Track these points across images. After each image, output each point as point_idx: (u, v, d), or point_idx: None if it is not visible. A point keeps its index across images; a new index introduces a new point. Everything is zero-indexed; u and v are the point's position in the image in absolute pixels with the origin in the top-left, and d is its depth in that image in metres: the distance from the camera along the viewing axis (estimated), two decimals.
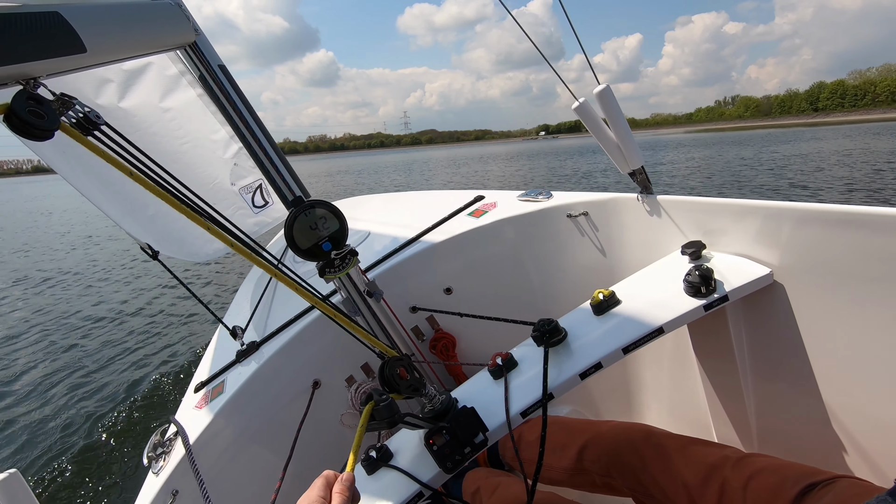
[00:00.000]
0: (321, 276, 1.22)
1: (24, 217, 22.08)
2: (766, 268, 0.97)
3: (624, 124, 1.12)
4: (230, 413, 1.30)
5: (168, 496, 1.08)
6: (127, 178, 2.09)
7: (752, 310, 1.04)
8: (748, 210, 1.01)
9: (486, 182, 20.22)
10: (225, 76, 1.16)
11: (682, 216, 1.16)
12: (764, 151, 24.81)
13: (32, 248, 12.67)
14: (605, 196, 1.40)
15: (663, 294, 1.02)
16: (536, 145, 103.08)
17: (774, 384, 1.09)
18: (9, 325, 6.61)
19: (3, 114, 0.60)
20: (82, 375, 4.75)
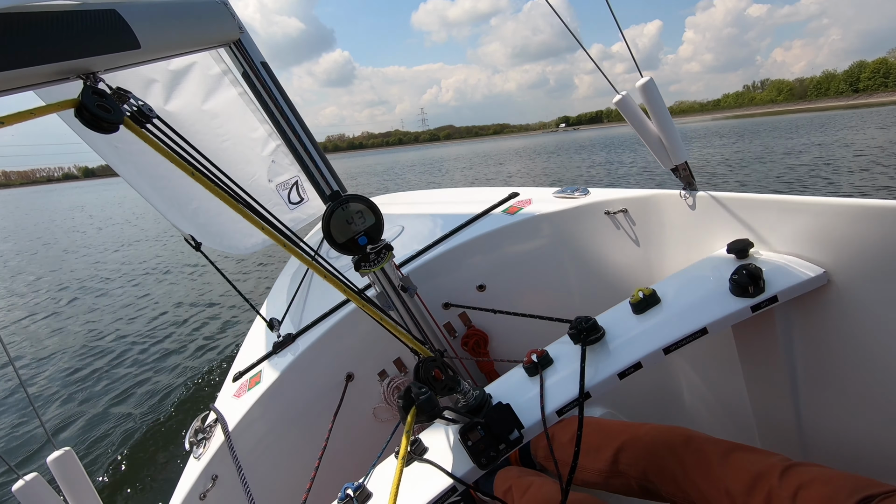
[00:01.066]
0: (356, 270, 1.24)
1: (75, 220, 23.30)
2: (819, 268, 0.92)
3: (667, 118, 1.08)
4: (267, 402, 1.34)
5: (209, 481, 1.12)
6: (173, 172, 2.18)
7: (803, 312, 0.99)
8: (799, 207, 0.96)
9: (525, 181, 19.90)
10: (267, 73, 1.19)
11: (727, 213, 1.11)
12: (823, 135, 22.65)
13: (81, 248, 13.45)
14: (646, 192, 1.36)
15: (707, 293, 0.98)
16: (557, 138, 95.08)
17: (826, 390, 1.03)
18: (65, 317, 7.11)
19: (75, 108, 0.64)
20: (130, 364, 5.05)
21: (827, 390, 1.03)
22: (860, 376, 0.94)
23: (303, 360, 1.46)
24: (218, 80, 2.32)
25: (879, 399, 0.93)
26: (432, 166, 25.87)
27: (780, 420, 1.15)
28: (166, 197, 1.87)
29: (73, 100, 0.66)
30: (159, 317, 6.58)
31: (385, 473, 0.92)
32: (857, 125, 26.44)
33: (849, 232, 0.87)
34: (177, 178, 2.04)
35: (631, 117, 1.12)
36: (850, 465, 1.01)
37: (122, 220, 19.71)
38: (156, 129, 0.80)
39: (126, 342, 5.69)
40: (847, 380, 0.97)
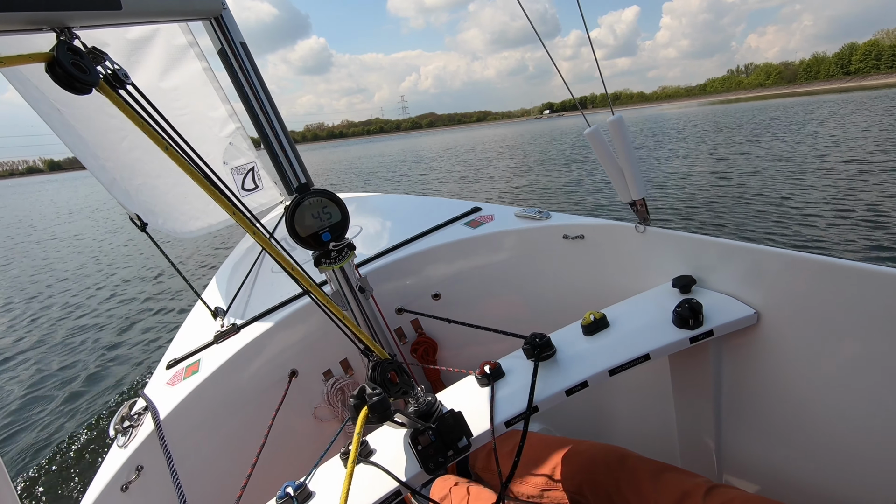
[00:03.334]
0: (316, 266, 1.22)
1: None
2: (751, 308, 1.02)
3: (633, 155, 1.15)
4: (203, 393, 1.27)
5: (132, 472, 1.05)
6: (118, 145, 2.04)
7: (734, 348, 1.09)
8: (737, 251, 1.05)
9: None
10: (245, 54, 1.16)
11: (675, 250, 1.20)
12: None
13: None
14: (604, 222, 1.44)
15: (652, 322, 1.05)
16: (542, 125, 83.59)
17: (746, 421, 1.13)
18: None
19: (47, 62, 0.59)
20: (59, 345, 4.79)
21: (747, 421, 1.13)
22: (779, 411, 1.04)
23: (246, 352, 1.40)
24: (183, 51, 2.21)
25: (794, 434, 1.03)
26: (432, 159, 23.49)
27: (702, 446, 1.24)
28: (109, 170, 1.75)
29: (47, 53, 0.61)
30: (92, 298, 6.31)
31: (327, 473, 0.90)
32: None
33: (779, 279, 0.97)
34: (122, 151, 1.93)
35: (599, 150, 1.19)
36: (761, 493, 1.11)
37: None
38: (129, 96, 0.76)
39: (59, 323, 5.44)
40: (766, 413, 1.07)
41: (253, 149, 2.75)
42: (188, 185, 2.20)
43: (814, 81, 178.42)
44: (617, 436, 1.55)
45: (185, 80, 2.24)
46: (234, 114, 2.61)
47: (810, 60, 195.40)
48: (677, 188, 8.61)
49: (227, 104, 2.56)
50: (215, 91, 2.46)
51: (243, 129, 2.68)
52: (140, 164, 1.93)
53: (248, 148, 2.71)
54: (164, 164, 2.05)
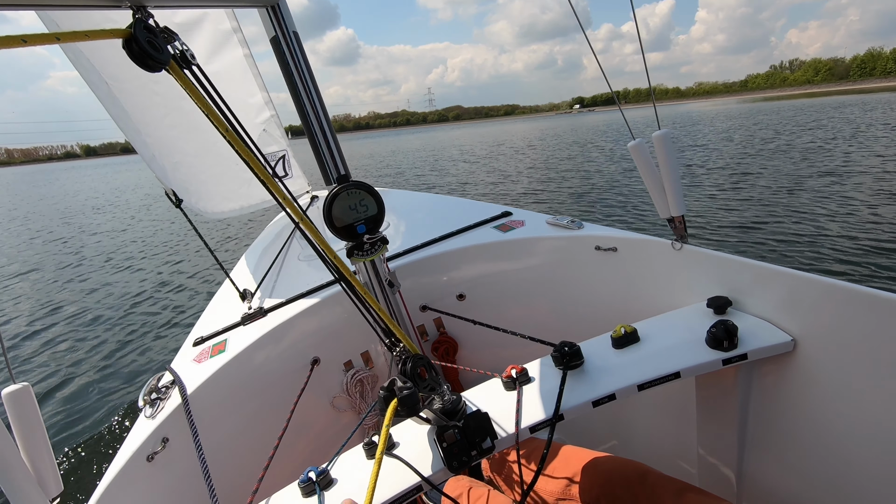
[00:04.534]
0: (348, 257, 1.23)
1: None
2: (787, 335, 1.00)
3: (676, 171, 1.14)
4: (229, 373, 1.29)
5: (158, 443, 1.07)
6: (161, 122, 2.08)
7: (766, 374, 1.07)
8: (775, 276, 1.03)
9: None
10: (297, 43, 1.18)
11: (711, 270, 1.18)
12: None
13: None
14: (638, 237, 1.43)
15: (684, 341, 1.04)
16: (572, 120, 76.68)
17: (773, 452, 1.10)
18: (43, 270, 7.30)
19: (124, 38, 0.61)
20: (96, 315, 5.09)
21: (773, 451, 1.10)
22: (809, 445, 1.02)
23: (272, 336, 1.42)
24: (227, 37, 2.25)
25: (823, 470, 1.00)
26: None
27: (722, 471, 1.22)
28: (150, 145, 1.79)
29: (125, 30, 0.63)
30: (126, 271, 6.72)
31: (349, 462, 0.91)
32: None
33: (819, 307, 0.95)
34: (163, 128, 1.97)
35: (641, 162, 1.18)
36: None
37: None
38: (191, 75, 0.78)
39: (96, 294, 5.81)
40: (795, 445, 1.05)
41: (285, 137, 2.79)
42: (224, 167, 2.26)
43: (868, 78, 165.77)
44: (633, 451, 1.53)
45: (226, 65, 2.28)
46: (270, 101, 2.65)
47: (865, 56, 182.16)
48: (713, 200, 8.17)
49: (263, 91, 2.60)
50: (254, 78, 2.51)
51: (277, 117, 2.72)
52: (179, 142, 1.97)
53: (280, 136, 2.75)
54: (202, 144, 2.11)
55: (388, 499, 0.81)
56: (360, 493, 0.81)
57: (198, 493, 0.97)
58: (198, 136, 2.03)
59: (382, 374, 1.66)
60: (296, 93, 1.21)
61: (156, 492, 1.05)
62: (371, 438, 0.94)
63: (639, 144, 1.18)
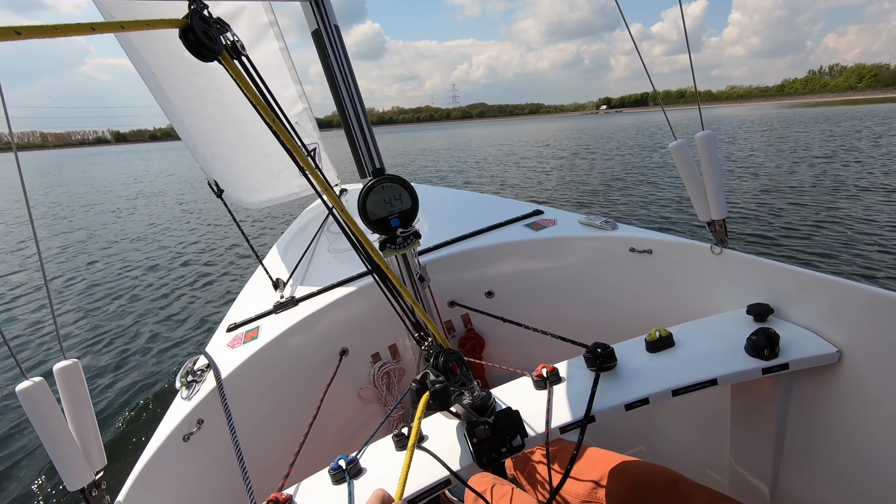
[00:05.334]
0: (381, 250, 1.24)
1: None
2: (832, 346, 0.96)
3: (719, 173, 1.11)
4: (261, 359, 1.32)
5: (194, 424, 1.10)
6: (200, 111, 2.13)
7: (807, 385, 1.03)
8: (821, 284, 0.99)
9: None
10: (337, 36, 1.19)
11: (752, 276, 1.15)
12: None
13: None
14: (675, 239, 1.40)
15: (722, 347, 1.01)
16: (599, 121, 73.97)
17: (811, 467, 1.07)
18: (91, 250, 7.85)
19: (181, 28, 0.63)
20: (136, 296, 5.42)
21: (811, 466, 1.06)
22: (851, 461, 0.98)
23: (303, 325, 1.45)
24: (264, 30, 2.29)
25: (860, 483, 0.97)
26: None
27: (755, 484, 1.19)
28: (192, 135, 1.84)
29: (181, 20, 0.65)
30: (167, 257, 7.04)
31: (378, 453, 0.92)
32: None
33: (868, 318, 0.91)
34: (202, 119, 2.02)
35: (682, 164, 1.16)
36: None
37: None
38: (240, 65, 0.79)
39: (137, 275, 6.18)
40: (836, 461, 1.01)
41: (317, 130, 2.83)
42: (253, 160, 2.30)
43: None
44: (660, 457, 1.51)
45: (263, 57, 2.32)
46: (304, 95, 2.69)
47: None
48: (754, 204, 7.84)
49: (297, 85, 2.64)
50: (288, 71, 2.55)
51: (310, 110, 2.76)
52: (215, 133, 2.02)
53: (312, 129, 2.78)
54: (234, 136, 2.15)
55: (417, 490, 0.82)
56: (388, 484, 0.82)
57: (231, 473, 0.99)
58: (230, 128, 2.08)
59: (409, 368, 1.67)
60: (335, 86, 1.22)
61: (192, 471, 1.08)
62: (400, 430, 0.95)
63: (680, 145, 1.15)
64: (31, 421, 0.74)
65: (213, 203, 11.44)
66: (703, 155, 1.11)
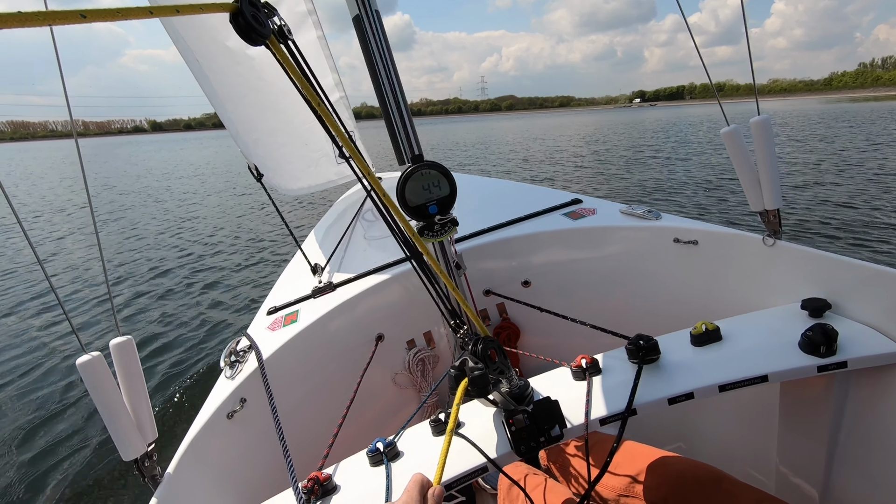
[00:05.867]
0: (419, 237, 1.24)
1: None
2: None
3: (773, 161, 1.05)
4: (301, 342, 1.36)
5: (237, 402, 1.14)
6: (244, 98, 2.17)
7: (866, 385, 0.97)
8: (885, 278, 0.93)
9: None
10: (378, 22, 1.18)
11: (807, 269, 1.09)
12: None
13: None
14: (723, 230, 1.34)
15: (774, 343, 0.96)
16: (633, 115, 72.69)
17: (867, 472, 1.01)
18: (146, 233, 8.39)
19: (231, 12, 0.64)
20: (182, 276, 5.78)
21: (868, 472, 1.01)
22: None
23: (341, 310, 1.47)
24: (302, 19, 2.32)
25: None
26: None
27: (803, 489, 1.13)
28: (234, 122, 1.89)
29: (232, 4, 0.66)
30: (212, 241, 7.44)
31: (415, 437, 0.93)
32: None
33: None
34: (245, 106, 2.07)
35: (735, 151, 1.10)
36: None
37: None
38: (286, 49, 0.80)
39: (184, 258, 6.54)
40: (892, 464, 0.96)
41: (353, 119, 2.85)
42: (293, 147, 2.34)
43: None
44: (701, 455, 1.46)
45: (302, 46, 2.35)
46: (340, 83, 2.71)
47: None
48: (810, 196, 7.54)
49: (335, 73, 2.66)
50: (325, 59, 2.57)
51: (346, 98, 2.78)
52: (257, 120, 2.06)
53: (348, 118, 2.80)
54: (274, 124, 2.19)
55: (454, 476, 0.82)
56: (426, 468, 0.83)
57: (273, 450, 1.02)
58: (271, 115, 2.12)
59: (444, 356, 1.68)
60: (375, 72, 1.22)
61: (236, 447, 1.12)
62: (437, 416, 0.95)
63: (734, 131, 1.09)
64: (90, 393, 0.78)
65: (254, 191, 11.98)
66: (759, 141, 1.05)
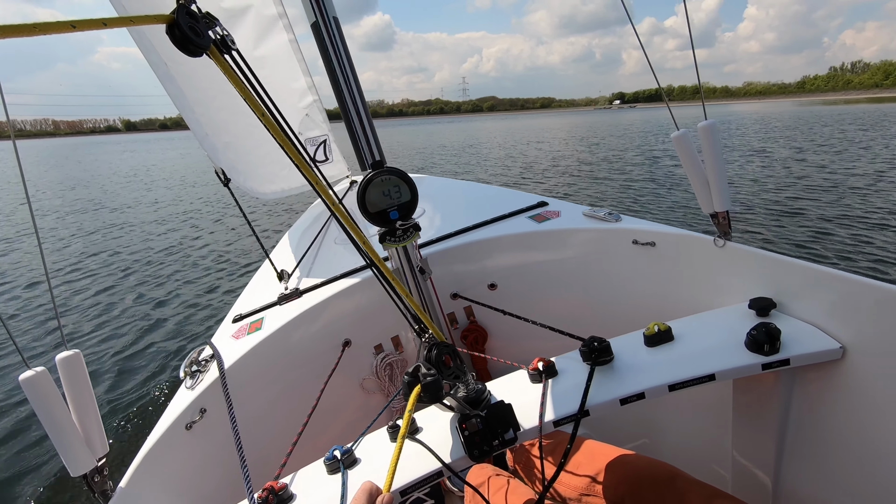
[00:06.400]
0: (381, 243, 1.24)
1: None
2: (836, 342, 0.93)
3: (721, 164, 1.08)
4: (265, 350, 1.35)
5: (196, 413, 1.13)
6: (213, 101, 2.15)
7: (809, 382, 1.01)
8: (827, 278, 0.96)
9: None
10: (336, 28, 1.19)
11: (755, 269, 1.12)
12: None
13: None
14: (679, 231, 1.37)
15: (722, 342, 0.99)
16: (614, 117, 73.41)
17: (813, 463, 1.05)
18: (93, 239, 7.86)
19: (167, 24, 0.63)
20: (143, 285, 5.48)
21: (813, 462, 1.04)
22: (853, 457, 0.96)
23: (306, 316, 1.47)
24: (272, 22, 2.30)
25: (862, 480, 0.94)
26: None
27: (757, 478, 1.17)
28: (203, 125, 1.87)
29: (168, 15, 0.66)
30: (174, 248, 7.07)
31: (373, 444, 0.93)
32: None
33: (873, 314, 0.88)
34: (214, 109, 2.04)
35: (685, 155, 1.13)
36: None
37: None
38: (231, 59, 0.80)
39: (143, 265, 6.22)
40: (838, 457, 0.99)
41: (327, 122, 2.84)
42: (266, 149, 2.32)
43: None
44: (663, 452, 1.49)
45: (272, 49, 2.34)
46: (314, 86, 2.69)
47: None
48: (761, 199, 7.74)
49: (307, 76, 2.64)
50: (298, 63, 2.55)
51: (320, 101, 2.77)
52: (228, 123, 2.04)
53: (322, 121, 2.80)
54: (245, 127, 2.18)
55: (408, 482, 0.82)
56: (382, 474, 0.83)
57: (232, 462, 1.02)
58: (242, 118, 2.10)
59: (412, 359, 1.68)
60: (334, 78, 1.23)
61: (193, 458, 1.11)
62: (395, 422, 0.96)
63: (683, 135, 1.12)
64: (34, 409, 0.77)
65: (225, 195, 11.45)
66: (706, 145, 1.08)
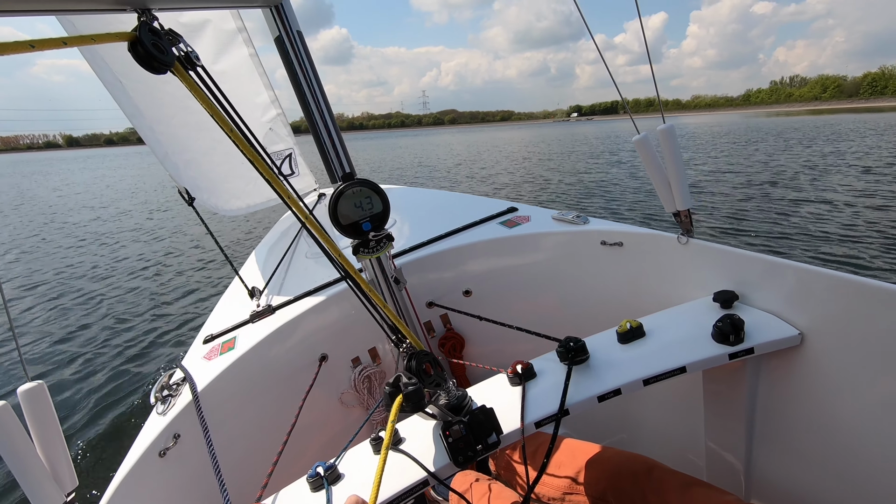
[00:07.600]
0: (354, 254, 1.24)
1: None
2: (794, 329, 0.99)
3: (681, 165, 1.14)
4: (238, 370, 1.31)
5: (170, 439, 1.09)
6: (172, 119, 2.10)
7: (773, 368, 1.06)
8: (783, 269, 1.02)
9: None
10: (301, 42, 1.18)
11: (717, 264, 1.18)
12: None
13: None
14: (644, 231, 1.42)
15: (690, 335, 1.04)
16: (572, 129, 75.73)
17: (780, 445, 1.10)
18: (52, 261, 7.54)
19: (129, 41, 0.62)
20: (105, 310, 5.20)
21: (780, 444, 1.10)
22: (816, 437, 1.02)
23: (280, 333, 1.44)
24: (232, 36, 2.27)
25: (829, 462, 1.00)
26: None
27: (730, 465, 1.22)
28: (163, 143, 1.81)
29: (130, 33, 0.64)
30: (138, 269, 6.78)
31: (356, 457, 0.92)
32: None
33: (827, 301, 0.94)
34: (174, 127, 1.99)
35: (646, 157, 1.18)
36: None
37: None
38: (196, 75, 0.79)
39: (105, 288, 5.95)
40: (802, 438, 1.05)
41: (292, 135, 2.81)
42: (230, 165, 2.28)
43: (879, 97, 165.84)
44: (642, 445, 1.53)
45: (233, 64, 2.30)
46: (276, 100, 2.66)
47: (876, 74, 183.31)
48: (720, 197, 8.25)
49: (269, 90, 2.61)
50: (259, 77, 2.52)
51: (283, 115, 2.73)
52: (189, 140, 1.99)
53: (287, 134, 2.76)
54: (209, 143, 2.13)
55: (394, 493, 0.82)
56: (367, 488, 0.82)
57: (209, 487, 0.99)
58: (205, 134, 2.05)
59: (390, 371, 1.67)
60: (300, 92, 1.22)
61: (168, 486, 1.07)
62: (378, 434, 0.95)
63: (644, 139, 1.17)
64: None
65: (188, 212, 10.84)
66: (666, 147, 1.13)
